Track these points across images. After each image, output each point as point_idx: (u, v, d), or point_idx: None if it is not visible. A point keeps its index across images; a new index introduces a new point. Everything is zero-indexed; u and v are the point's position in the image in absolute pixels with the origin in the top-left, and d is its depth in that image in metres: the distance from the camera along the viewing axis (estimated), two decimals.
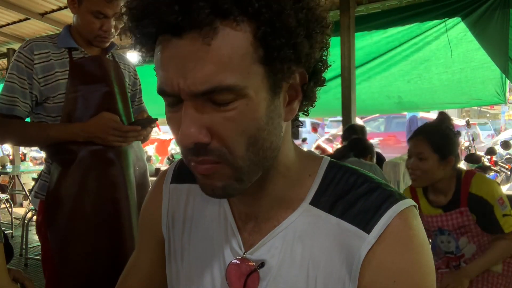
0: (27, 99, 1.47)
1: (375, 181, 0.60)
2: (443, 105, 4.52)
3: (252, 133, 0.52)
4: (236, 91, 0.49)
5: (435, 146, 1.68)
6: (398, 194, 0.59)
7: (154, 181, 0.80)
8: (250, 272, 0.62)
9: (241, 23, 0.48)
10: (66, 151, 1.46)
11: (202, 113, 0.51)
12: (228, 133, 0.51)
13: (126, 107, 1.60)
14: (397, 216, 0.56)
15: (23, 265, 3.97)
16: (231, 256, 0.64)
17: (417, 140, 1.73)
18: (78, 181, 1.46)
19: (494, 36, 3.15)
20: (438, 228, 1.77)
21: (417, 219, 0.58)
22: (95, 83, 1.51)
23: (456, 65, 3.90)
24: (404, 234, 0.56)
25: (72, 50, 1.52)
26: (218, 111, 0.50)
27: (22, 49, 1.48)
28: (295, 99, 0.57)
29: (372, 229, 0.56)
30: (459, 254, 1.78)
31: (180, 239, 0.71)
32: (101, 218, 1.49)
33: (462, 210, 1.70)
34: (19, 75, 1.45)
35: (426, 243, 0.58)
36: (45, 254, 1.55)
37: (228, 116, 0.50)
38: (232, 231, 0.65)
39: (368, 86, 4.39)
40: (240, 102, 0.50)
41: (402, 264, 0.55)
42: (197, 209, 0.70)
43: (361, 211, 0.57)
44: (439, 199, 1.76)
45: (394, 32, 3.80)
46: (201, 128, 0.51)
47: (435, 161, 1.68)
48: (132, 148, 1.61)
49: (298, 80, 0.56)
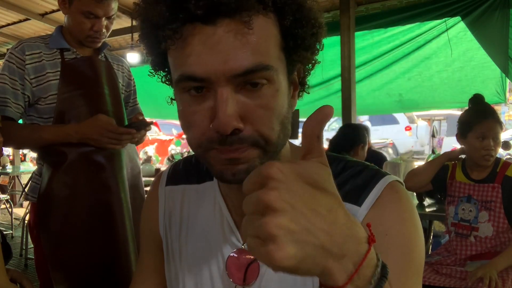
0: (19, 100, 1.45)
1: (362, 164, 0.64)
2: (444, 104, 4.52)
3: (281, 120, 0.55)
4: (271, 72, 0.53)
5: (502, 128, 1.93)
6: (384, 172, 0.62)
7: (150, 185, 0.81)
8: (249, 263, 0.63)
9: (269, 12, 0.53)
10: (56, 153, 1.45)
11: (238, 100, 0.53)
12: (262, 120, 0.54)
13: (117, 108, 1.58)
14: (387, 187, 0.60)
15: (23, 266, 3.98)
16: (230, 249, 0.65)
17: (493, 123, 1.91)
18: (68, 184, 1.45)
19: (494, 35, 3.15)
20: (468, 195, 1.94)
21: (405, 189, 0.62)
22: (86, 84, 1.50)
23: (456, 64, 3.90)
24: (393, 197, 0.59)
25: (64, 51, 1.51)
26: (252, 98, 0.53)
27: (13, 49, 1.47)
28: (296, 91, 0.62)
29: (364, 202, 0.59)
30: (474, 225, 1.90)
31: (178, 239, 0.72)
32: (93, 220, 1.47)
33: (495, 185, 1.89)
34: (11, 76, 1.44)
35: (414, 207, 0.61)
36: (38, 257, 1.54)
37: (262, 102, 0.53)
38: (229, 226, 0.66)
39: (369, 84, 4.38)
40: (272, 89, 0.54)
41: (393, 220, 0.58)
42: (192, 209, 0.71)
43: (351, 189, 0.60)
44: (474, 174, 1.97)
45: (395, 32, 3.80)
46: (237, 115, 0.52)
47: (501, 142, 1.93)
48: (125, 150, 1.60)
49: (298, 73, 0.61)
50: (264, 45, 0.52)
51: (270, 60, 0.53)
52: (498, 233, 1.86)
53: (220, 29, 0.51)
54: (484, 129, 1.89)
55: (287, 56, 0.56)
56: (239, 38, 0.51)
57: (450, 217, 1.99)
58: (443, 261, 1.96)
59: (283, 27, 0.54)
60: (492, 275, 1.72)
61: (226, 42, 0.51)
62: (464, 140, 1.98)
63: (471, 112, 2.01)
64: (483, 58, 3.62)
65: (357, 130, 2.83)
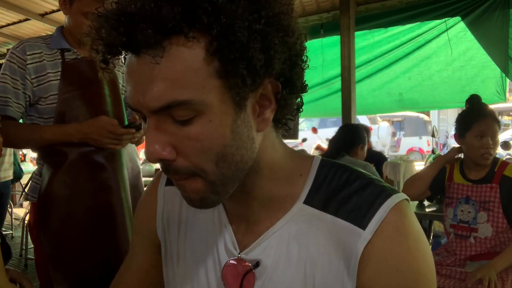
0: (20, 100, 1.45)
1: (367, 177, 0.61)
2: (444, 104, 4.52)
3: (218, 150, 0.52)
4: (193, 106, 0.49)
5: (499, 126, 1.93)
6: (390, 189, 0.59)
7: (149, 183, 0.80)
8: (246, 272, 0.62)
9: (191, 39, 0.47)
10: (57, 153, 1.45)
11: (165, 131, 0.51)
12: (193, 152, 0.51)
13: (117, 109, 1.58)
14: (392, 209, 0.57)
15: (23, 266, 3.98)
16: (226, 256, 0.65)
17: (491, 121, 1.91)
18: (69, 184, 1.44)
19: (494, 35, 3.15)
20: (466, 197, 1.93)
21: (411, 210, 0.59)
22: (86, 84, 1.50)
23: (456, 63, 3.90)
24: (401, 224, 0.57)
25: (64, 51, 1.51)
26: (181, 129, 0.51)
27: (14, 49, 1.47)
28: (267, 108, 0.56)
29: (368, 225, 0.56)
30: (473, 226, 1.89)
31: (176, 241, 0.71)
32: (94, 221, 1.47)
33: (493, 186, 1.89)
34: (12, 76, 1.44)
35: (421, 231, 0.59)
36: (38, 257, 1.54)
37: (190, 134, 0.50)
38: (226, 232, 0.66)
39: (369, 83, 4.39)
40: (202, 119, 0.50)
41: (402, 252, 0.56)
42: (191, 211, 0.70)
43: (355, 207, 0.58)
44: (472, 174, 1.96)
45: (395, 32, 3.80)
46: (165, 145, 0.51)
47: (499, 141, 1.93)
48: (126, 150, 1.60)
49: (270, 89, 0.54)
50: (185, 77, 0.48)
51: (191, 92, 0.48)
52: (498, 233, 1.85)
53: (140, 60, 0.49)
54: (482, 128, 1.89)
55: (227, 80, 0.49)
56: (153, 72, 0.48)
57: (449, 218, 1.98)
58: (443, 262, 1.96)
59: (212, 52, 0.48)
60: (492, 276, 1.71)
61: (144, 75, 0.49)
62: (462, 139, 1.97)
63: (469, 112, 2.00)
64: (483, 58, 3.62)
65: (357, 131, 2.83)
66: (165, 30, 0.46)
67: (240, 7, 0.47)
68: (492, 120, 1.91)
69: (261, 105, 0.55)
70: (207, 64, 0.48)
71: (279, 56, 0.51)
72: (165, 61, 0.47)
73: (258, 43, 0.48)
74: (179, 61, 0.48)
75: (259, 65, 0.49)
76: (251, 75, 0.50)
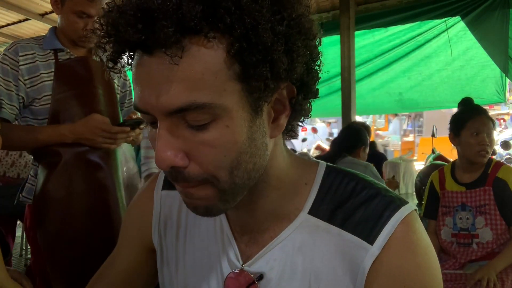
0: (14, 102, 1.44)
1: (375, 187, 0.59)
2: (444, 104, 4.52)
3: (233, 158, 0.49)
4: (210, 110, 0.46)
5: (494, 126, 1.90)
6: (398, 200, 0.57)
7: (143, 186, 0.77)
8: (248, 285, 0.60)
9: (212, 39, 0.45)
10: (51, 153, 1.44)
11: (178, 136, 0.48)
12: (207, 159, 0.48)
13: (112, 108, 1.57)
14: (401, 223, 0.55)
15: (23, 266, 3.97)
16: (229, 267, 0.63)
17: (485, 118, 1.88)
18: (64, 184, 1.43)
19: (494, 35, 3.15)
20: (461, 204, 1.90)
21: (420, 223, 0.57)
22: (80, 84, 1.49)
23: (456, 63, 3.91)
24: (409, 239, 0.55)
25: (57, 52, 1.50)
26: (195, 135, 0.47)
27: (6, 51, 1.45)
28: (282, 114, 0.53)
29: (376, 239, 0.54)
30: (473, 232, 1.87)
31: (174, 247, 0.69)
32: (91, 220, 1.46)
33: (486, 188, 1.85)
34: (4, 77, 1.42)
35: (430, 245, 0.57)
36: (36, 258, 1.53)
37: (205, 139, 0.47)
38: (229, 242, 0.63)
39: (369, 83, 4.39)
40: (219, 124, 0.47)
41: (410, 269, 0.54)
42: (191, 217, 0.68)
43: (362, 220, 0.56)
44: (465, 177, 1.92)
45: (395, 31, 3.80)
46: (178, 151, 0.48)
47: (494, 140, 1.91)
48: (121, 149, 1.59)
49: (285, 94, 0.52)
50: (204, 79, 0.45)
51: (209, 94, 0.46)
52: (498, 235, 1.83)
53: (155, 60, 0.46)
54: (477, 124, 1.86)
55: (247, 84, 0.47)
56: (170, 73, 0.45)
57: (449, 228, 1.93)
58: (441, 267, 1.94)
59: (233, 54, 0.45)
60: (491, 276, 1.70)
61: (159, 76, 0.46)
62: (457, 138, 1.92)
63: (463, 110, 1.98)
64: (483, 58, 3.62)
65: (359, 132, 2.83)
66: (186, 29, 0.44)
67: (264, 7, 0.45)
68: (487, 118, 1.89)
69: (275, 110, 0.53)
70: (227, 66, 0.46)
71: (301, 60, 0.50)
72: (184, 61, 0.45)
73: (281, 45, 0.46)
74: (199, 62, 0.45)
75: (283, 68, 0.47)
76: (274, 79, 0.47)
